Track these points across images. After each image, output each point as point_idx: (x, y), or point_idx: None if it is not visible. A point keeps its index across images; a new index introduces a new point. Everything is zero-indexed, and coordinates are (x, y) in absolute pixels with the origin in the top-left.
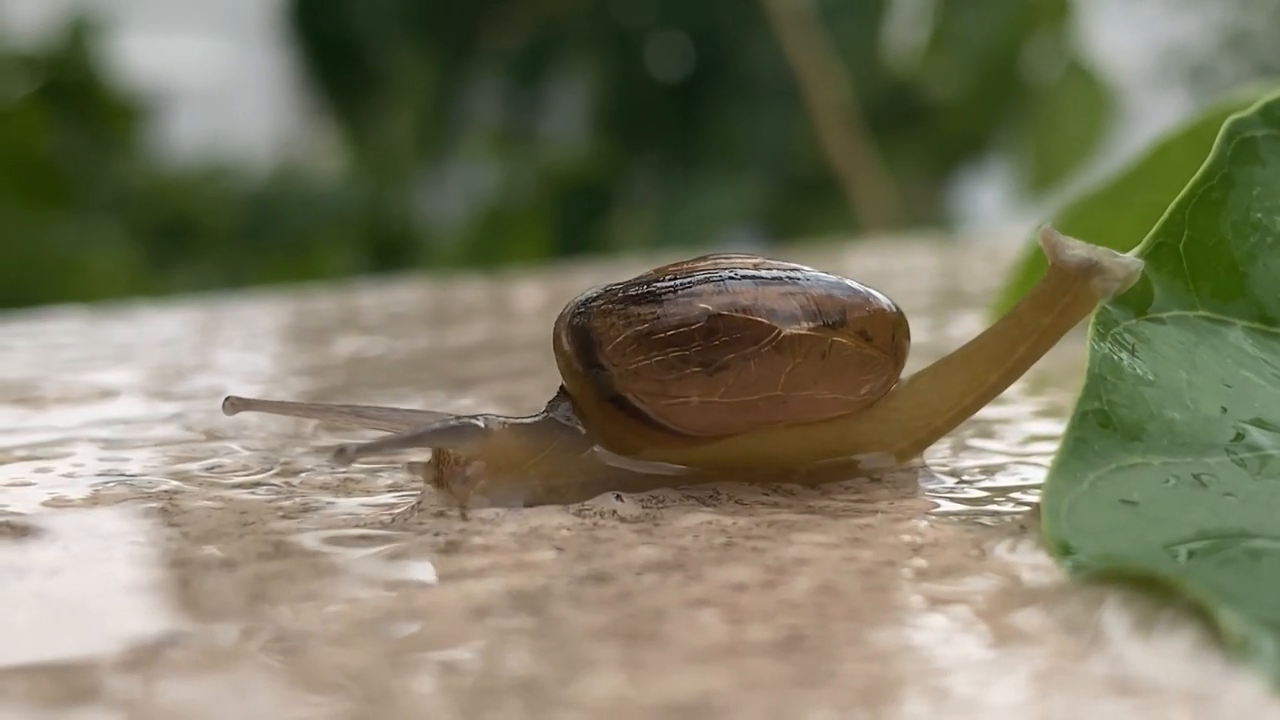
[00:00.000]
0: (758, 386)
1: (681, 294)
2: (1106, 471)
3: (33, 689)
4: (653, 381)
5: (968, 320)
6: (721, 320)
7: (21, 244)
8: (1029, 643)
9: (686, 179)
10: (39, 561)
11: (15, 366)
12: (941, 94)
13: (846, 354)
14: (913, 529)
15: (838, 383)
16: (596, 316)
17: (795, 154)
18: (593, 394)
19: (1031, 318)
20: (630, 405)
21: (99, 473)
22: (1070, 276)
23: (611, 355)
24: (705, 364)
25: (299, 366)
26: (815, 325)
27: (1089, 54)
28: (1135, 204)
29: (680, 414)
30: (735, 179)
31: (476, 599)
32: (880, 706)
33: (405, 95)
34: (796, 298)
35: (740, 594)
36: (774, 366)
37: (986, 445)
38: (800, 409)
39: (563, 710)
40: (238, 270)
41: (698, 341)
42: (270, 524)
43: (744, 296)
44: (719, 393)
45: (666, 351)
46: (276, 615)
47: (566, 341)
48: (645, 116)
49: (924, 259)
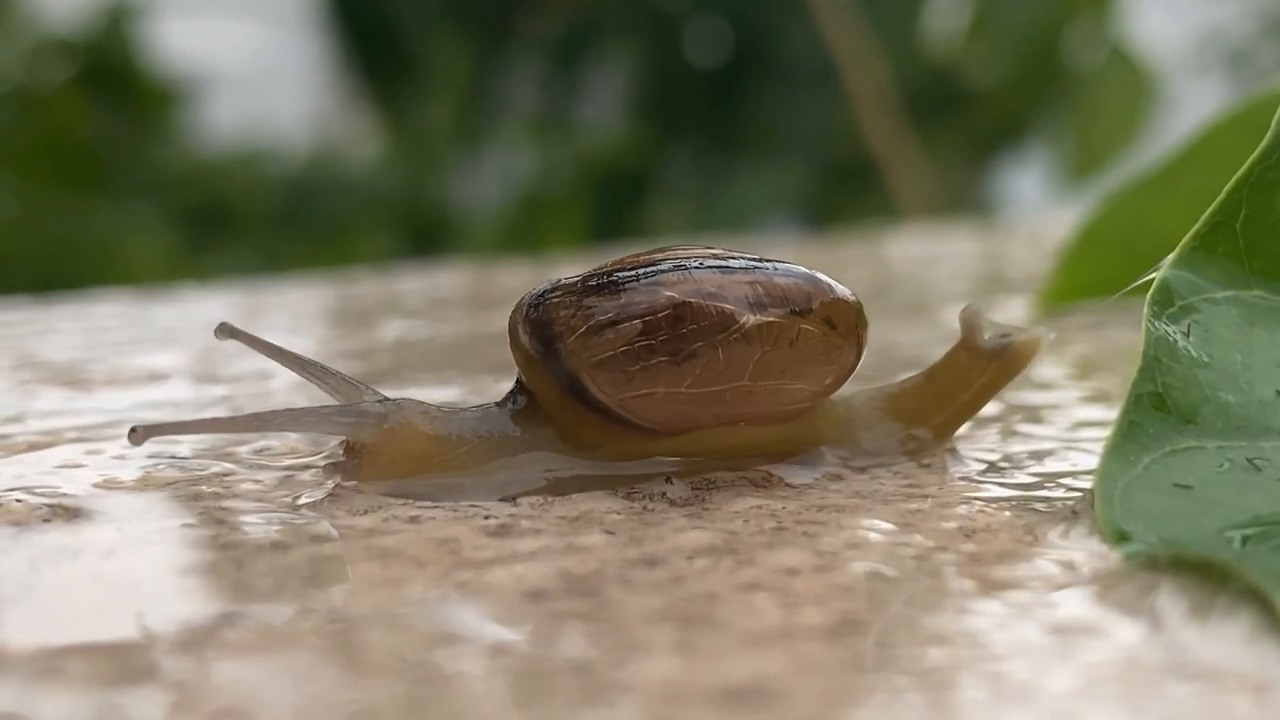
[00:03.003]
0: (725, 376)
1: (645, 283)
2: (1160, 455)
3: (90, 669)
4: (617, 372)
5: (1013, 305)
6: (689, 308)
7: (61, 227)
8: (1085, 628)
9: (724, 165)
10: (92, 543)
11: (63, 349)
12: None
13: (813, 342)
14: (964, 514)
15: (804, 372)
16: (556, 308)
17: (834, 140)
18: (552, 388)
19: (950, 389)
20: (592, 398)
21: (149, 455)
22: (985, 357)
23: (573, 346)
24: (672, 353)
25: (344, 350)
26: (783, 312)
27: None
28: (1181, 190)
29: (644, 406)
30: (773, 165)
31: (530, 581)
32: (937, 692)
33: (443, 81)
34: (763, 285)
35: (792, 578)
36: (742, 355)
37: (1035, 430)
38: (766, 400)
39: (618, 693)
40: (273, 255)
41: (664, 330)
42: (321, 506)
43: (710, 284)
44: (685, 383)
45: (632, 341)
46: (329, 598)
47: (524, 334)
48: (683, 102)
49: (965, 244)
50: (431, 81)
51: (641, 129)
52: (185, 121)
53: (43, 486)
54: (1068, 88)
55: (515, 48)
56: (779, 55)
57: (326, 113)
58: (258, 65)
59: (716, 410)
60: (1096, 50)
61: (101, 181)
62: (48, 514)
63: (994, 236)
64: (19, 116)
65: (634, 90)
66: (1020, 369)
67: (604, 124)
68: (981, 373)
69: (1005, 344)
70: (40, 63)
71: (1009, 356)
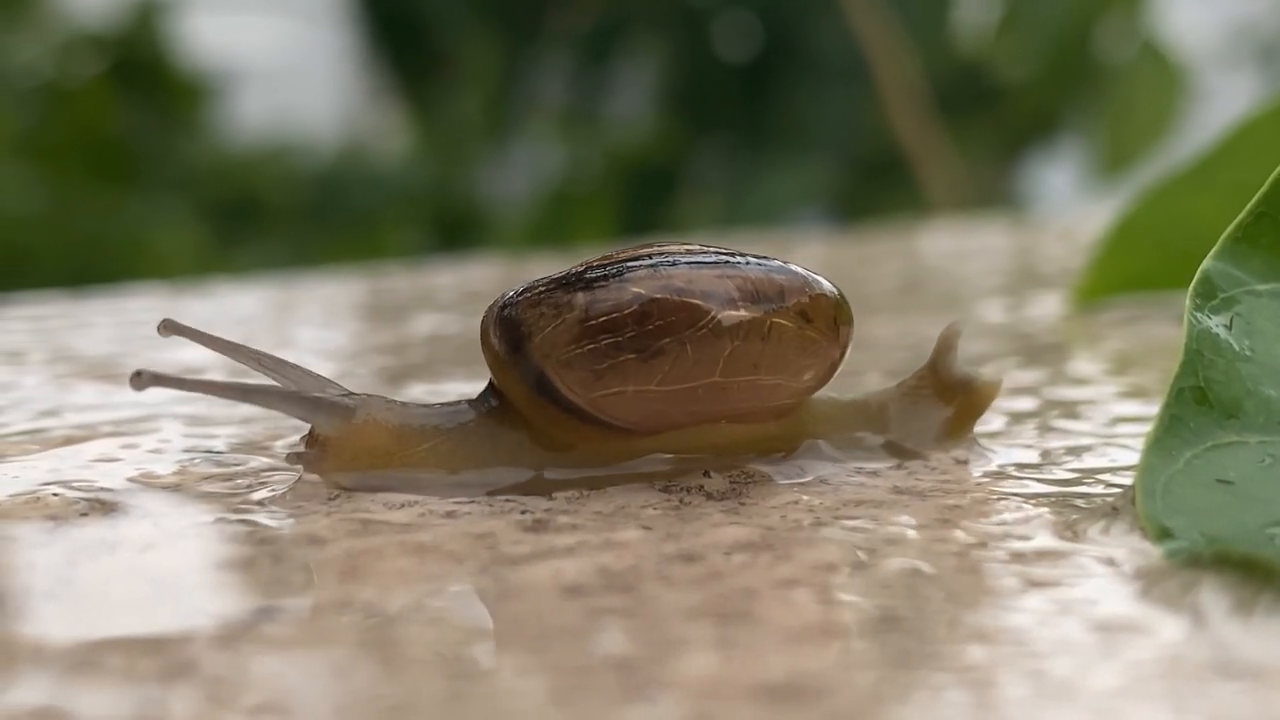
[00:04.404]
0: (696, 373)
1: (613, 280)
2: (1202, 449)
3: (129, 663)
4: (585, 371)
5: (1047, 301)
6: (656, 304)
7: (91, 222)
8: (1128, 626)
9: (754, 160)
10: (129, 537)
11: (97, 343)
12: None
13: (788, 336)
14: (1003, 510)
15: (779, 367)
16: (525, 307)
17: (864, 135)
18: (523, 388)
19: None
20: (562, 398)
21: (185, 449)
22: (949, 385)
23: (541, 346)
24: (639, 350)
25: (378, 344)
26: (754, 306)
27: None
28: (1218, 183)
29: (615, 405)
30: (803, 160)
31: (567, 577)
32: (980, 689)
33: (472, 75)
34: (733, 279)
35: (831, 574)
36: (712, 350)
37: (1073, 426)
38: (742, 397)
39: (658, 689)
40: (302, 249)
41: (631, 327)
42: (357, 501)
43: (678, 279)
44: (655, 380)
45: (599, 339)
46: (367, 592)
47: (494, 334)
48: (712, 97)
49: (998, 239)
50: (460, 76)
51: (671, 124)
52: (215, 116)
53: (79, 480)
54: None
55: (544, 42)
56: (809, 50)
57: (355, 107)
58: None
59: (692, 408)
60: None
61: (131, 176)
62: (85, 508)
63: (1026, 231)
64: (50, 111)
65: (663, 85)
66: (980, 411)
67: (633, 119)
68: (948, 403)
69: (970, 378)
70: (71, 58)
71: (971, 392)
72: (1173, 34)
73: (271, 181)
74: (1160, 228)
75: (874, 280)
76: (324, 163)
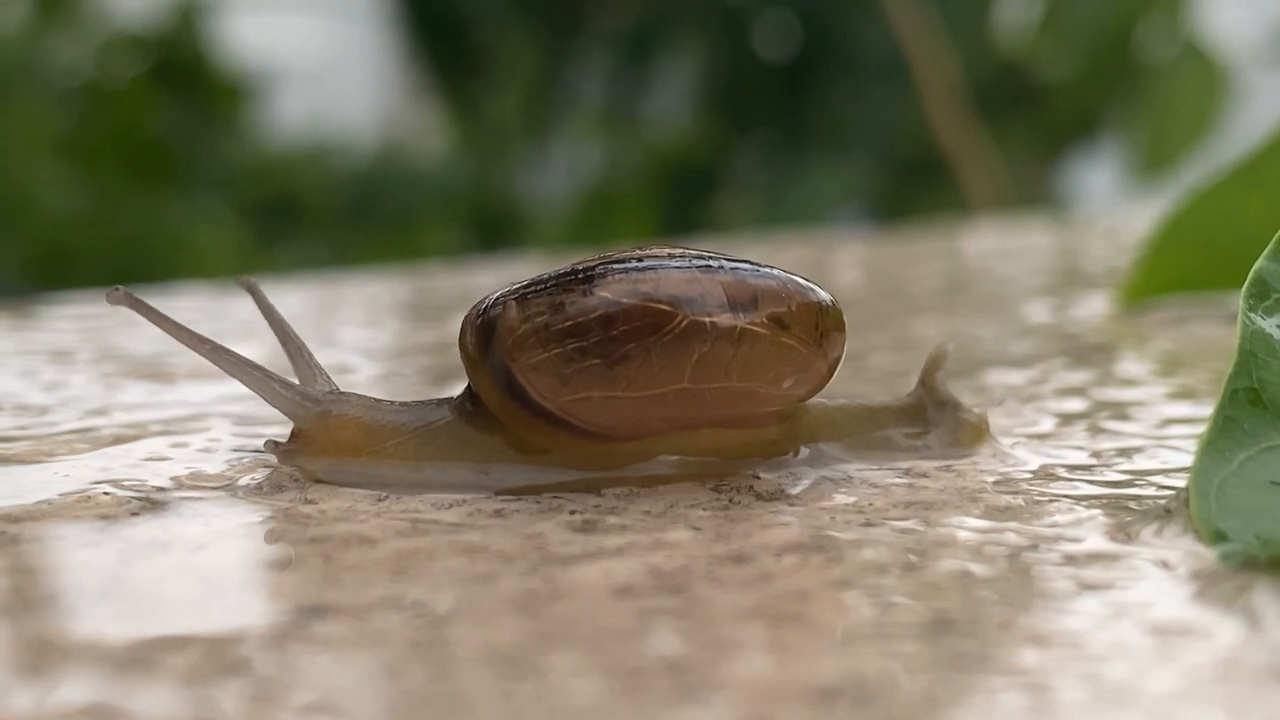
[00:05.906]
0: (663, 378)
1: (582, 284)
2: (1257, 451)
3: (182, 661)
4: (552, 375)
5: (1093, 301)
6: (621, 308)
7: (132, 221)
8: (1184, 629)
9: (793, 159)
10: (181, 536)
11: (144, 342)
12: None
13: (761, 343)
14: (1054, 512)
15: (753, 374)
16: (500, 312)
17: (903, 134)
18: (494, 391)
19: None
20: (533, 402)
21: (234, 448)
22: (940, 403)
23: (511, 350)
24: (604, 355)
25: (422, 344)
26: (722, 313)
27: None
28: (1267, 182)
29: (584, 410)
30: (843, 159)
31: (618, 578)
32: (1036, 693)
33: (511, 74)
34: (703, 284)
35: (883, 576)
36: (679, 356)
37: (1122, 428)
38: (716, 404)
39: (711, 690)
40: (342, 248)
41: (595, 332)
42: (406, 501)
43: (645, 284)
44: (621, 386)
45: (565, 343)
46: (418, 593)
47: (469, 338)
48: (752, 96)
49: (1041, 238)
50: (500, 74)
51: (710, 123)
52: (254, 116)
53: (130, 479)
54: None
55: (584, 41)
56: (848, 49)
57: (395, 106)
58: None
59: (664, 414)
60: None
61: (172, 175)
62: (136, 507)
63: (1069, 231)
64: (91, 112)
65: (703, 84)
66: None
67: (673, 117)
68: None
69: (957, 404)
70: (111, 58)
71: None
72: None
73: (311, 181)
74: (1208, 227)
75: (918, 280)
76: (363, 162)
